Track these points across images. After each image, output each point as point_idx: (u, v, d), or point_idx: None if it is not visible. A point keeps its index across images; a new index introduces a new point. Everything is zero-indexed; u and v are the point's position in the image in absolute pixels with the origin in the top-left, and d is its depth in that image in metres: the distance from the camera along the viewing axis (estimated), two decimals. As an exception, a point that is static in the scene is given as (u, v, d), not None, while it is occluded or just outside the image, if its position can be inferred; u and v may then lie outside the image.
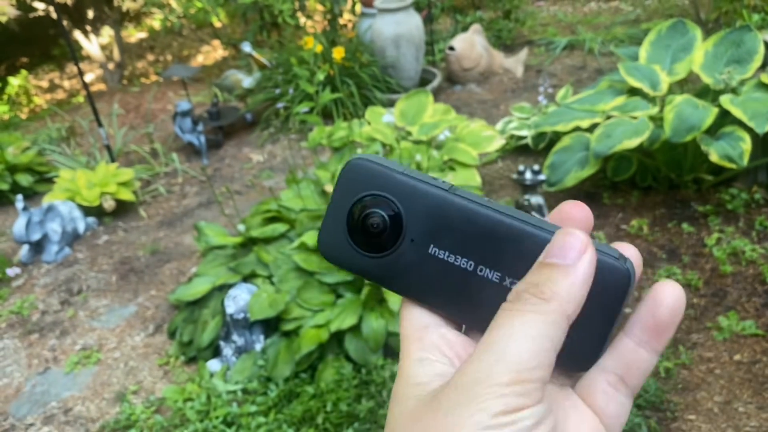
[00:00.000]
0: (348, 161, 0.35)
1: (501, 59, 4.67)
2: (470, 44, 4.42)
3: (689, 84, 2.82)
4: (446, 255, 0.33)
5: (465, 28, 5.08)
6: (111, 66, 5.81)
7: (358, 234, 0.35)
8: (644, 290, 2.31)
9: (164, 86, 5.44)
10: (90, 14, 5.56)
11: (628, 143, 2.38)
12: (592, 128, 2.66)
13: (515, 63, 4.65)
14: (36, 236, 3.01)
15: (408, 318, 0.33)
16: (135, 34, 7.39)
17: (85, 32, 5.55)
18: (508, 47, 5.11)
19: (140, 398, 2.22)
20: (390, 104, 4.01)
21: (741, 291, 2.23)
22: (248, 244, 2.45)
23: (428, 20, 4.84)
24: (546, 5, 6.16)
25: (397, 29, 4.20)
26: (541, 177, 2.53)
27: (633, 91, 2.62)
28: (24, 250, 3.11)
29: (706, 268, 2.35)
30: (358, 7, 4.70)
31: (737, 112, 2.28)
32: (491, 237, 0.32)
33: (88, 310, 2.72)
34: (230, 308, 2.17)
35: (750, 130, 2.28)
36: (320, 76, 2.59)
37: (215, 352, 2.30)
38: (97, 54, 5.68)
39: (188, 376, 2.25)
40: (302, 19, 5.08)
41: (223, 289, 2.30)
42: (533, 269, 0.30)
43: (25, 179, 3.77)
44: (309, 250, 2.24)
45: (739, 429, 1.78)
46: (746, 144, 2.26)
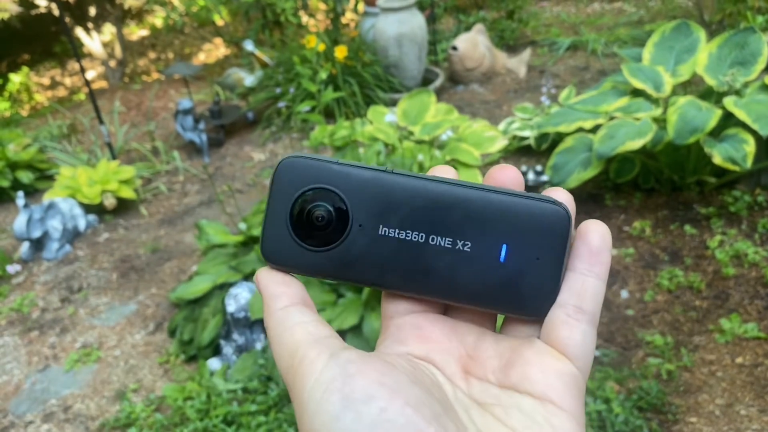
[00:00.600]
0: (279, 162, 0.35)
1: (504, 59, 4.67)
2: (473, 44, 4.41)
3: (693, 86, 2.81)
4: (397, 232, 0.34)
5: (468, 28, 5.07)
6: (113, 63, 5.81)
7: (304, 230, 0.34)
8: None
9: (166, 84, 5.43)
10: (92, 11, 5.56)
11: (631, 145, 2.37)
12: (595, 129, 2.66)
13: (518, 63, 4.64)
14: (36, 233, 3.01)
15: (383, 309, 0.35)
16: (137, 32, 7.39)
17: (87, 29, 5.55)
18: (511, 47, 5.10)
19: (140, 396, 2.21)
20: (392, 104, 4.01)
21: (743, 293, 2.22)
22: (249, 243, 2.45)
23: (431, 20, 4.84)
24: (549, 6, 6.15)
25: (400, 28, 4.19)
26: (544, 178, 2.53)
27: (636, 93, 2.61)
28: (24, 248, 3.11)
29: (709, 271, 2.35)
30: (361, 6, 4.70)
31: (741, 114, 2.27)
32: (437, 206, 0.33)
33: (89, 308, 2.72)
34: (231, 307, 2.16)
35: (753, 133, 2.28)
36: (322, 75, 2.59)
37: (215, 351, 2.29)
38: (99, 51, 5.68)
39: (188, 375, 2.24)
40: (304, 18, 5.08)
41: (224, 288, 2.30)
42: None
43: (26, 176, 3.77)
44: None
45: (741, 432, 1.77)
46: (750, 146, 2.25)
